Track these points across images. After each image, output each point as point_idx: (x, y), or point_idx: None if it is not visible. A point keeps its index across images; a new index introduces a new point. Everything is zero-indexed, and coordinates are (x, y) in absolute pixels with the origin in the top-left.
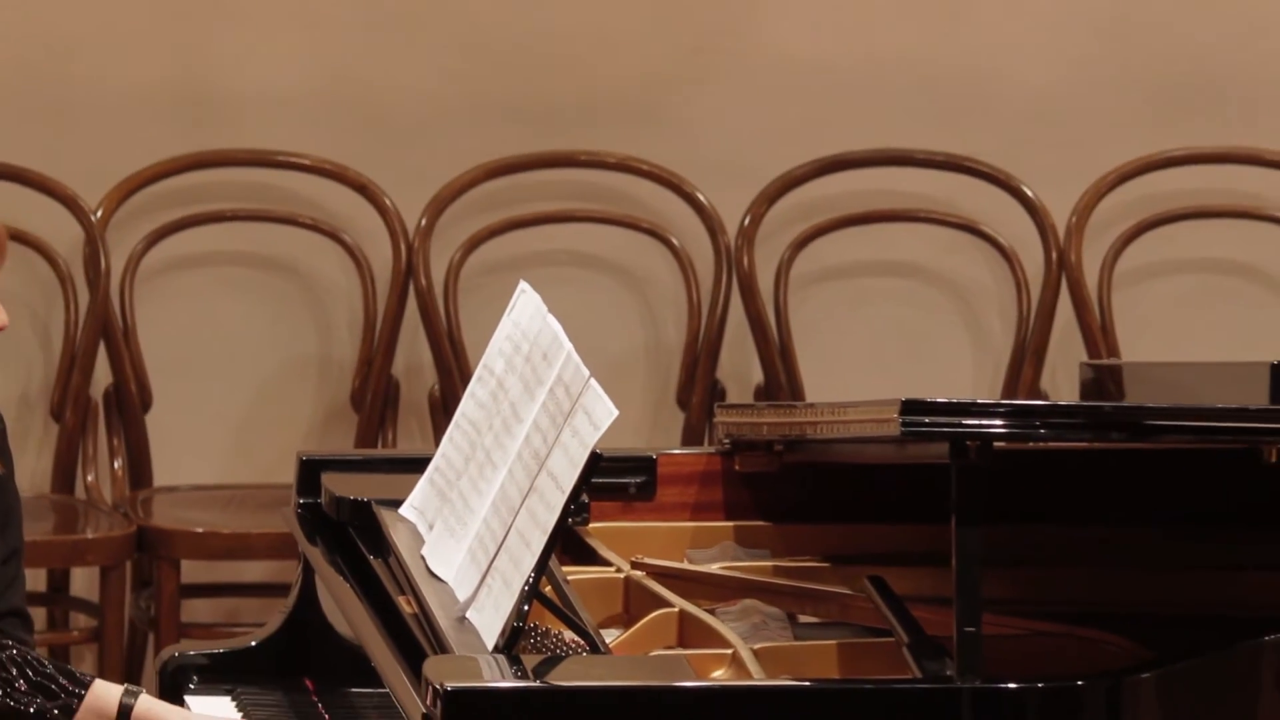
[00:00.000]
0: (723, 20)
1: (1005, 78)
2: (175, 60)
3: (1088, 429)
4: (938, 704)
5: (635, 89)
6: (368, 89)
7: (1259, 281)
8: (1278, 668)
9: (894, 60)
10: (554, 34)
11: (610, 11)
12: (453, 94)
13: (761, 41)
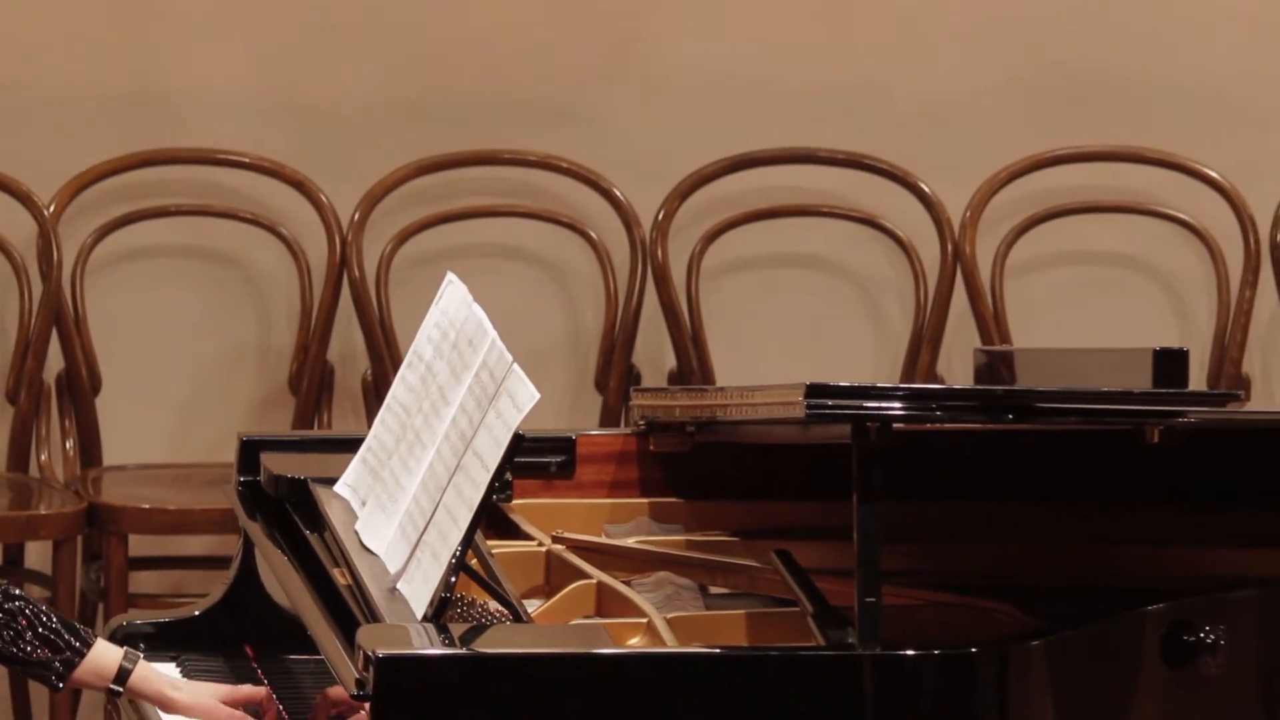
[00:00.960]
0: (637, 27)
1: (903, 81)
2: (124, 64)
3: (981, 411)
4: (840, 670)
5: (555, 91)
6: (304, 91)
7: (1141, 272)
8: (1158, 636)
9: (798, 64)
10: (479, 39)
11: (532, 18)
12: (384, 96)
13: (674, 46)
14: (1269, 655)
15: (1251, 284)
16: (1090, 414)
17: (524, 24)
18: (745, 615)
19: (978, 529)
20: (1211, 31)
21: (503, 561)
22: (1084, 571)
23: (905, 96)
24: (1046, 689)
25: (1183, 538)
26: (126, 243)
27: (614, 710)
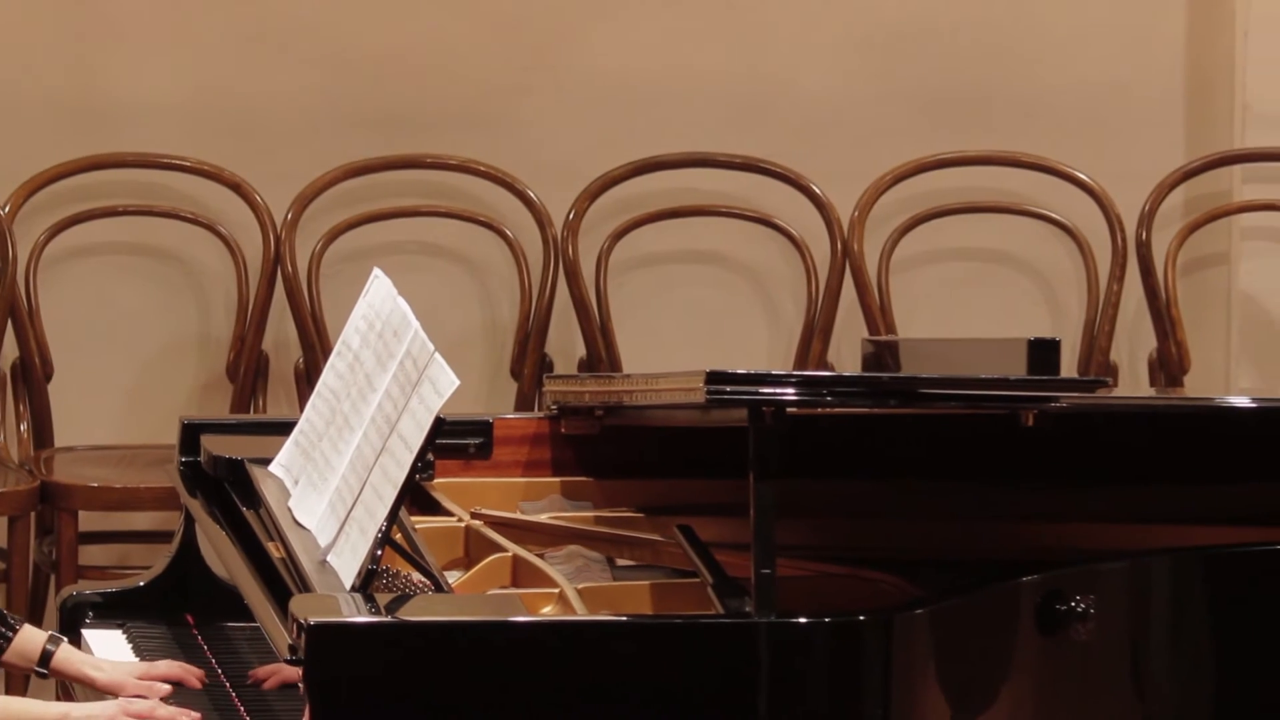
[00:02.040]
0: (549, 38)
1: (797, 88)
2: (74, 75)
3: (869, 396)
4: (737, 636)
5: (474, 99)
6: (241, 99)
7: (1017, 268)
8: (1033, 605)
9: (700, 74)
10: (404, 50)
11: (453, 33)
12: (316, 103)
13: (584, 57)
14: (1134, 623)
15: (1118, 279)
16: (969, 399)
17: (446, 38)
18: (650, 586)
19: (866, 506)
20: (1082, 45)
21: (425, 536)
22: (964, 545)
23: (798, 104)
24: (929, 654)
25: (1055, 514)
26: (76, 240)
27: (528, 674)
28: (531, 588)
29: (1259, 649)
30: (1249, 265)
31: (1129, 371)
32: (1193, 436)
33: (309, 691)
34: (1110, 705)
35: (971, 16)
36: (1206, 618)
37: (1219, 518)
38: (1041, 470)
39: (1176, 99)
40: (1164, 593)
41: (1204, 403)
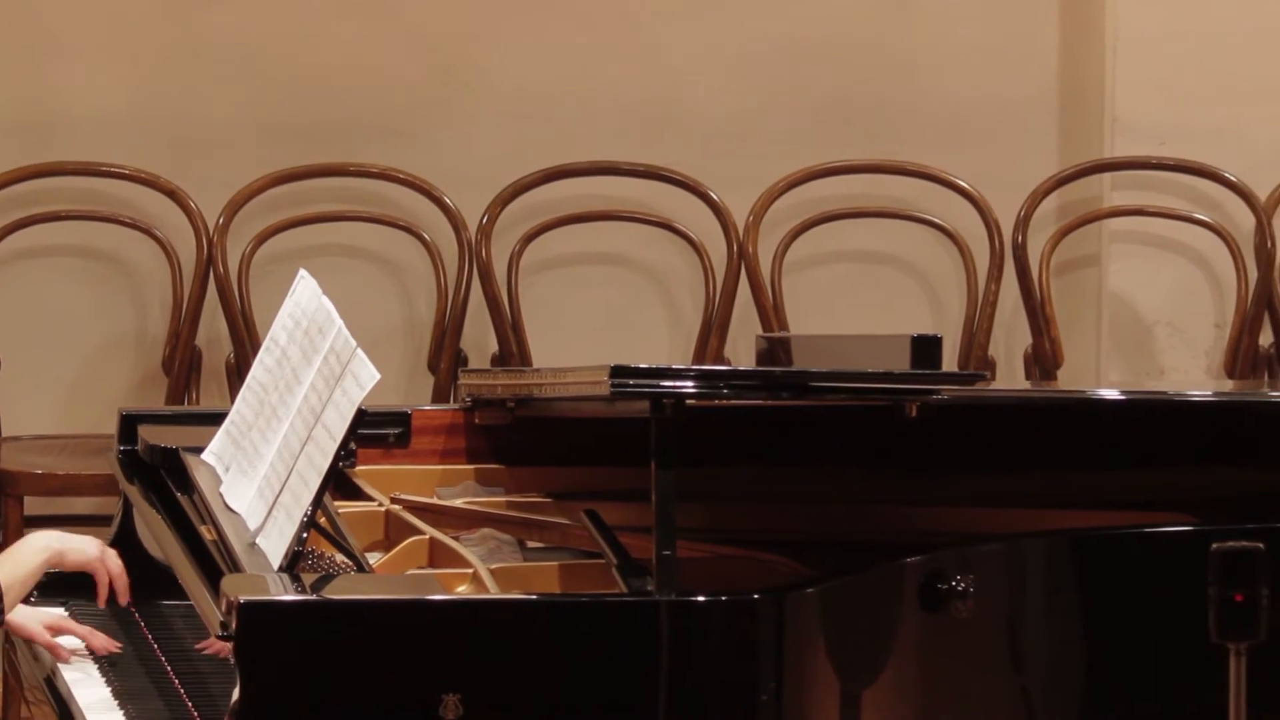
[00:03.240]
0: (464, 55)
1: (695, 101)
2: (18, 88)
3: (763, 389)
4: (640, 614)
5: (394, 112)
6: (177, 111)
7: (901, 269)
8: (916, 584)
9: (604, 88)
10: (328, 66)
11: (373, 49)
12: (246, 115)
13: (497, 72)
14: (1011, 601)
15: (996, 279)
16: (857, 391)
17: (367, 54)
18: (558, 566)
19: (761, 492)
20: (963, 60)
21: (347, 520)
22: (853, 528)
23: (697, 116)
24: (819, 630)
25: (938, 499)
26: (22, 244)
27: (444, 649)
28: (447, 568)
29: (1121, 623)
30: (1118, 266)
31: (1006, 366)
32: (1065, 427)
33: (239, 664)
34: (989, 677)
35: (859, 33)
36: (1076, 595)
37: (1088, 502)
38: (924, 458)
39: (1050, 111)
40: (1037, 572)
41: (1075, 395)
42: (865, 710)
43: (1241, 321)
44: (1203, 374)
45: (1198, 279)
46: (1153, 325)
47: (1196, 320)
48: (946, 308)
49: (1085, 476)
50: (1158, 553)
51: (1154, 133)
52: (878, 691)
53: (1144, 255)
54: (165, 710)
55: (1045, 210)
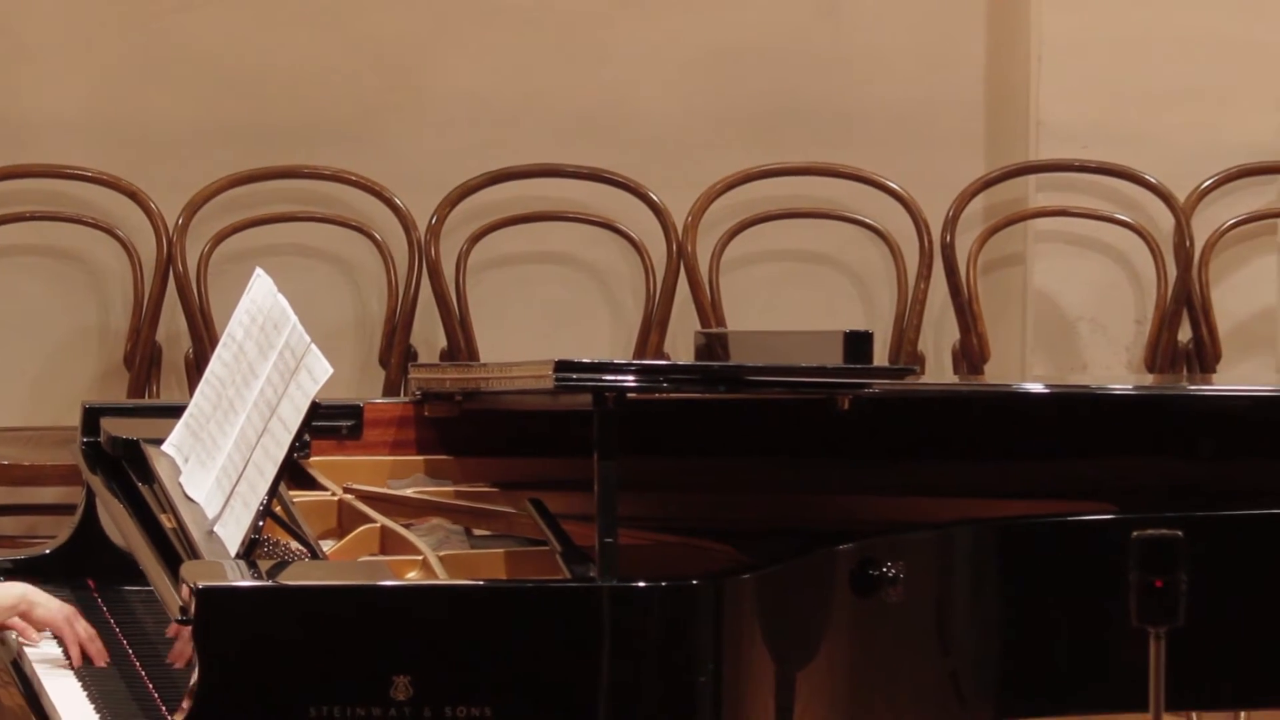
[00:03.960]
0: (414, 61)
1: (636, 105)
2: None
3: (701, 383)
4: (583, 599)
5: (346, 116)
6: (137, 115)
7: (835, 268)
8: (848, 570)
9: (548, 92)
10: (284, 71)
11: (327, 54)
12: (205, 119)
13: (445, 77)
14: (939, 586)
15: (925, 278)
16: (791, 385)
17: (321, 60)
18: (505, 554)
19: (699, 482)
20: (894, 67)
21: (302, 509)
22: (787, 517)
23: (638, 120)
24: (756, 615)
25: (869, 489)
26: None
27: (395, 633)
28: (398, 555)
29: (1045, 607)
30: (1042, 265)
31: (935, 361)
32: (991, 419)
33: (199, 648)
34: (918, 659)
35: (794, 41)
36: (1001, 581)
37: (1014, 492)
38: (856, 450)
39: (977, 115)
40: (965, 559)
41: (1001, 389)
42: (799, 691)
43: (1161, 318)
44: (1124, 369)
45: (1119, 277)
46: (1076, 321)
47: (1118, 317)
48: (877, 304)
49: (1011, 467)
50: (1080, 540)
51: (1077, 136)
52: (811, 673)
53: (1067, 254)
54: (127, 691)
55: (972, 211)
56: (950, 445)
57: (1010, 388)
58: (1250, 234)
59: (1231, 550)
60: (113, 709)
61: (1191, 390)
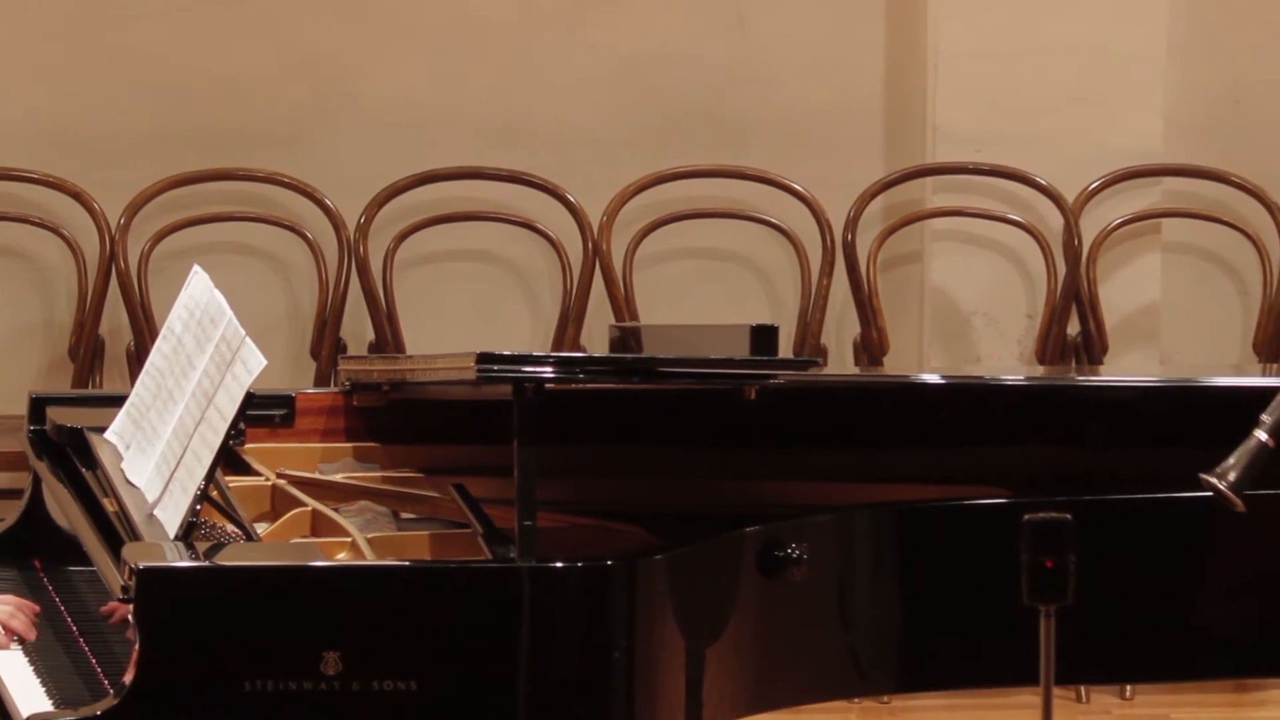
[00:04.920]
0: (342, 69)
1: (554, 111)
2: None
3: (615, 374)
4: (504, 579)
5: (279, 121)
6: (82, 121)
7: (742, 265)
8: (755, 551)
9: (470, 99)
10: (220, 78)
11: (261, 62)
12: (144, 124)
13: (372, 85)
14: (841, 566)
15: (828, 274)
16: (701, 376)
17: (255, 68)
18: (429, 535)
19: (615, 468)
20: (798, 73)
21: (237, 493)
22: (699, 501)
23: (555, 124)
24: (667, 593)
25: (775, 474)
26: None
27: (326, 611)
28: (328, 537)
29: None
30: (938, 262)
31: (837, 353)
32: (891, 408)
33: (139, 625)
34: (821, 636)
35: (704, 50)
36: (900, 561)
37: (912, 477)
38: (763, 437)
39: (877, 120)
40: (865, 541)
41: (900, 379)
42: (708, 667)
43: (1051, 313)
44: (1016, 361)
45: (1011, 274)
46: (970, 316)
47: (1010, 311)
48: (783, 300)
49: (909, 453)
50: (975, 523)
51: (971, 140)
52: (720, 649)
53: (962, 252)
54: (71, 666)
55: (872, 211)
56: (852, 433)
57: (908, 379)
58: (1135, 233)
59: (1117, 532)
60: (58, 682)
61: (1079, 381)
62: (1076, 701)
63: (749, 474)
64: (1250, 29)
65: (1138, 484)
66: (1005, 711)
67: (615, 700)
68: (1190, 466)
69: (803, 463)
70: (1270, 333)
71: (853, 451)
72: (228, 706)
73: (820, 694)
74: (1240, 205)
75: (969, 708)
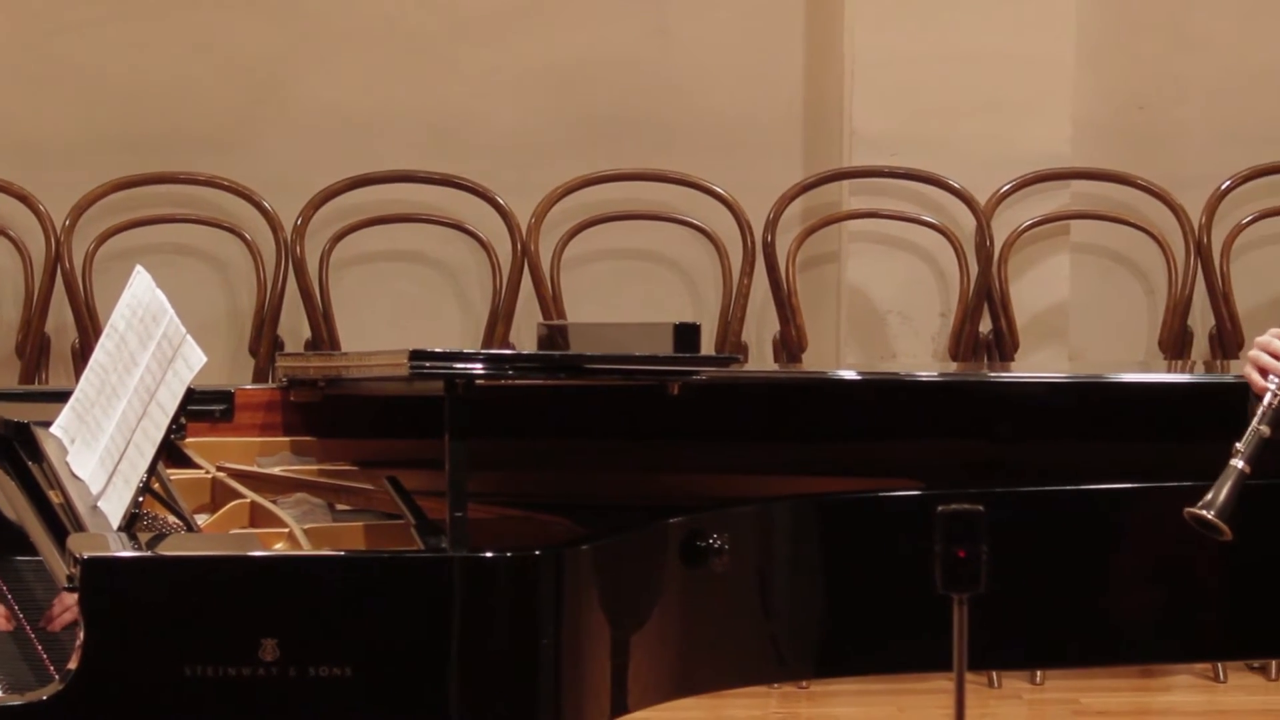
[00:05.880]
0: (279, 76)
1: (484, 116)
2: None
3: (543, 370)
4: (436, 568)
5: (219, 127)
6: (28, 126)
7: (665, 266)
8: (678, 542)
9: (404, 105)
10: (162, 86)
11: (201, 70)
12: (89, 129)
13: (308, 91)
14: (762, 556)
15: (748, 274)
16: (626, 372)
17: (196, 76)
18: (364, 526)
19: (543, 461)
20: (719, 80)
21: (178, 486)
22: (624, 493)
23: (485, 129)
24: (593, 582)
25: (699, 467)
26: None
27: (263, 599)
28: (266, 528)
29: (858, 575)
30: (855, 263)
31: (757, 350)
32: (809, 403)
33: (83, 613)
34: (742, 623)
35: (629, 57)
36: (819, 551)
37: (830, 470)
38: (687, 431)
39: (796, 125)
40: (785, 531)
41: (818, 375)
42: (633, 654)
43: (964, 311)
44: (930, 358)
45: (925, 273)
46: (886, 314)
47: (924, 310)
48: (705, 299)
49: (827, 447)
50: (890, 514)
51: (887, 145)
52: (644, 636)
53: (878, 253)
54: (18, 652)
55: (791, 213)
56: (772, 427)
57: (826, 375)
58: (1045, 234)
59: (1028, 523)
60: (4, 669)
61: (991, 377)
62: (989, 687)
63: (673, 467)
64: (1154, 37)
65: (1048, 476)
66: (920, 696)
67: (543, 685)
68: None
69: (724, 456)
70: (1175, 330)
71: (773, 445)
72: (169, 692)
73: (741, 679)
74: (1146, 207)
75: (885, 693)
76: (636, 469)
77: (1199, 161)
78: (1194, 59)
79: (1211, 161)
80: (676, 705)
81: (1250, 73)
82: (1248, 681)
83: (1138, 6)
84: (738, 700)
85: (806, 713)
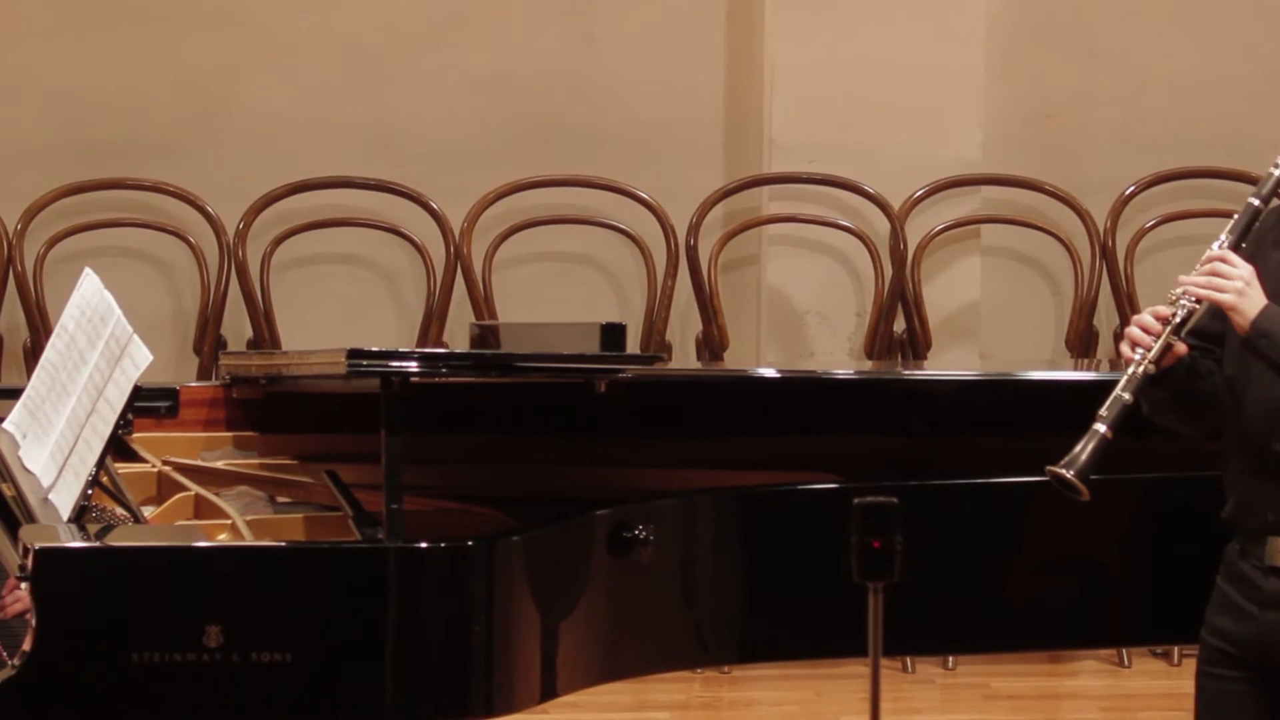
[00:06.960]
0: (222, 86)
1: (419, 124)
2: None
3: (475, 368)
4: (372, 558)
5: (165, 134)
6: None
7: (592, 267)
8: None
9: (342, 112)
10: (109, 94)
11: (147, 80)
12: (39, 136)
13: (250, 100)
14: (686, 547)
15: (672, 276)
16: (554, 370)
17: (142, 85)
18: (304, 518)
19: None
20: (643, 89)
21: (126, 479)
22: (554, 487)
23: (420, 137)
24: (523, 572)
25: (625, 461)
26: None
27: (207, 588)
28: (210, 519)
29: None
30: (774, 265)
31: (681, 349)
32: (731, 400)
33: (35, 601)
34: (667, 611)
35: (557, 67)
36: (740, 542)
37: (751, 464)
38: (613, 427)
39: (717, 133)
40: (708, 523)
41: (739, 373)
42: (562, 640)
43: (879, 311)
44: (846, 356)
45: (842, 275)
46: (804, 315)
47: (841, 310)
48: (630, 299)
49: (748, 442)
50: (808, 506)
51: (805, 152)
52: (572, 623)
53: (796, 255)
54: None
55: (713, 217)
56: (695, 423)
57: (746, 373)
58: (956, 238)
59: (940, 515)
60: None
61: (905, 375)
62: (903, 672)
63: (600, 461)
64: (1060, 49)
65: (959, 470)
66: (837, 681)
67: (474, 670)
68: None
69: (650, 451)
70: (1081, 330)
71: (696, 441)
72: (117, 676)
73: (666, 664)
74: (1053, 212)
75: (804, 677)
76: (566, 464)
77: (1104, 168)
78: (1100, 69)
79: (1116, 168)
80: (604, 689)
81: (1154, 82)
82: (1151, 667)
83: (1045, 19)
84: (662, 684)
85: (728, 696)
